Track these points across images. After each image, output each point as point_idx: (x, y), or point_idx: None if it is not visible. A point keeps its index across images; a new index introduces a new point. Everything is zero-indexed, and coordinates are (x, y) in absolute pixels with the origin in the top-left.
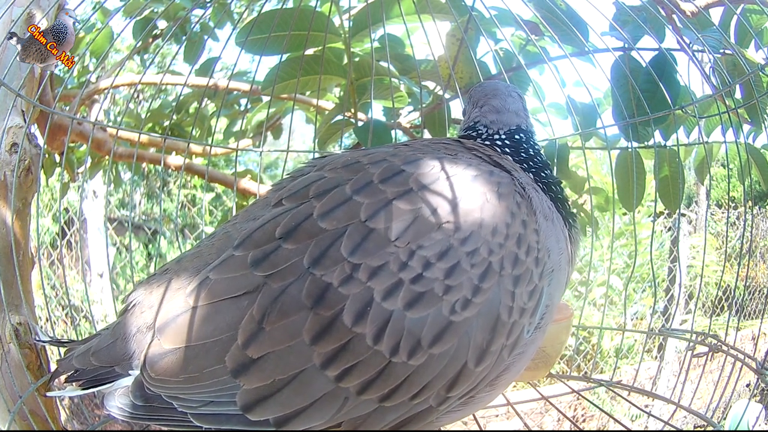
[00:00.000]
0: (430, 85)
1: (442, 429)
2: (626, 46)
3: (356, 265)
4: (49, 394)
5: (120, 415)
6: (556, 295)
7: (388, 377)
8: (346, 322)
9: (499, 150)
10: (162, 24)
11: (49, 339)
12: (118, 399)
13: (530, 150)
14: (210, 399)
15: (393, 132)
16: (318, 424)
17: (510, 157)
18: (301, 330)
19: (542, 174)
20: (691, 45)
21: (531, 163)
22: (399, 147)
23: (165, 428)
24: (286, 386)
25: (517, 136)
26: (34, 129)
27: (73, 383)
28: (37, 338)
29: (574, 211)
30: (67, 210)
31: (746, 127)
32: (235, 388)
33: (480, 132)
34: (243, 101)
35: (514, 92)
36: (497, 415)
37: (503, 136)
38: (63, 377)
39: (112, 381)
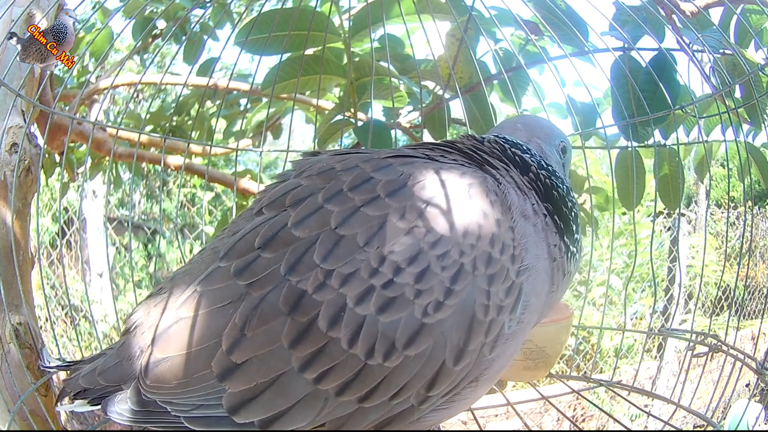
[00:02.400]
0: (430, 84)
1: (442, 429)
2: (626, 46)
3: (329, 271)
4: (59, 408)
5: (119, 419)
6: (532, 297)
7: (365, 379)
8: (321, 328)
9: (497, 152)
10: (161, 24)
11: (56, 365)
12: (117, 405)
13: (534, 164)
14: (200, 403)
15: (393, 132)
16: (302, 425)
17: (506, 161)
18: (279, 335)
19: (544, 187)
20: (691, 45)
21: (532, 175)
22: (378, 152)
23: (161, 430)
24: (267, 389)
25: (527, 151)
26: (34, 129)
27: (82, 399)
28: (45, 365)
29: (580, 242)
30: (66, 210)
31: (746, 127)
32: (222, 391)
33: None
34: (243, 101)
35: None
36: (496, 415)
37: (509, 145)
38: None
39: None
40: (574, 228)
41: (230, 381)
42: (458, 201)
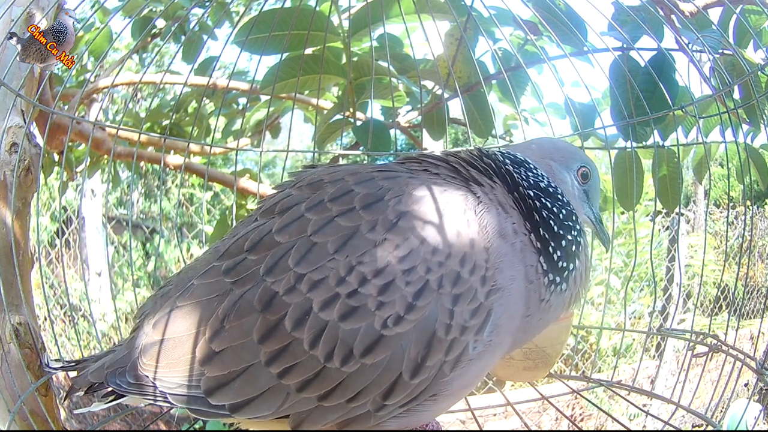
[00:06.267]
0: (429, 84)
1: (443, 430)
2: (625, 45)
3: (300, 275)
4: (76, 411)
5: (117, 389)
6: (503, 318)
7: (323, 380)
8: (287, 327)
9: (491, 168)
10: (160, 23)
11: (60, 366)
12: (118, 377)
13: (526, 181)
14: (183, 382)
15: (393, 131)
16: (266, 414)
17: (495, 179)
18: (252, 330)
19: (532, 205)
20: (690, 45)
21: (523, 192)
22: (367, 166)
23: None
24: (238, 377)
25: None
26: (33, 128)
27: (97, 398)
28: (49, 367)
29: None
30: (65, 209)
31: (745, 127)
32: (201, 375)
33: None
34: (241, 100)
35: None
36: (495, 414)
37: (505, 160)
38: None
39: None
40: (560, 254)
41: (209, 366)
42: (432, 218)
